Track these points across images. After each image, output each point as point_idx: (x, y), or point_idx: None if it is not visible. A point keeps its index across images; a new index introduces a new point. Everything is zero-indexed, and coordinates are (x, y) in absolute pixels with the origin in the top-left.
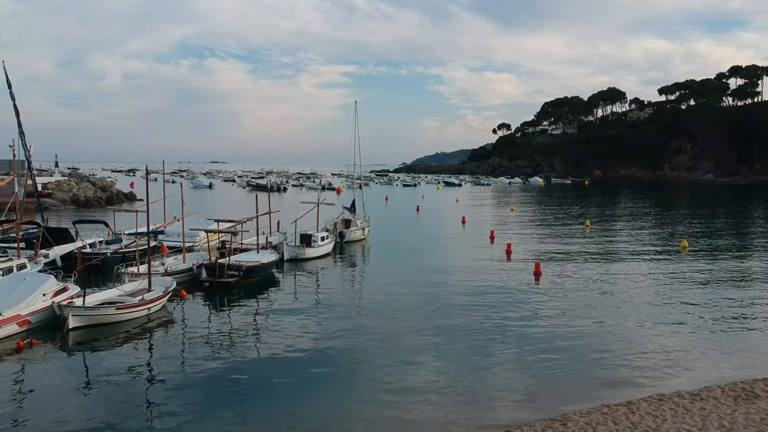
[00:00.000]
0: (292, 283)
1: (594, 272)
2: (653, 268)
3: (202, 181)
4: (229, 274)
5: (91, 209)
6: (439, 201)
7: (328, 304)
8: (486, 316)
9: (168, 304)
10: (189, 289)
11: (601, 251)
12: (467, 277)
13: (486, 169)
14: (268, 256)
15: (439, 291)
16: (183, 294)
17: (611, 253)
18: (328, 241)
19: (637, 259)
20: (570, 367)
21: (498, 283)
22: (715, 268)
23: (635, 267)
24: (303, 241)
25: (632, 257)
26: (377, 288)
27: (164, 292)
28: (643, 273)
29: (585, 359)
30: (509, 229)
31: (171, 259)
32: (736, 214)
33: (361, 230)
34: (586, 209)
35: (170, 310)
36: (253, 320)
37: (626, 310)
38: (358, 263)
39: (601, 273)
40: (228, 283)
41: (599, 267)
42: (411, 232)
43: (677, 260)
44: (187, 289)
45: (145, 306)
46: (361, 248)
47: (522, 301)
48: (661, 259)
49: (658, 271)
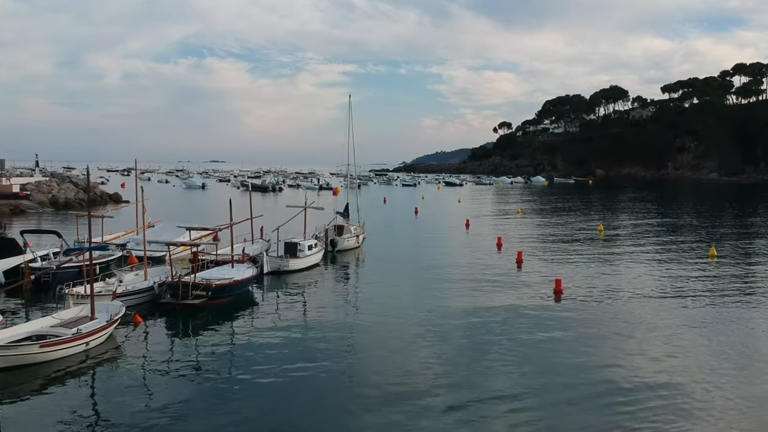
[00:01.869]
0: (273, 302)
1: (619, 288)
2: (686, 280)
3: (194, 181)
4: (195, 294)
5: (72, 211)
6: (439, 202)
7: (314, 328)
8: (502, 344)
9: (118, 331)
10: (149, 313)
11: (622, 261)
12: (475, 294)
13: (487, 168)
14: (243, 272)
15: (443, 309)
16: (138, 320)
17: (634, 263)
18: (317, 250)
19: (665, 270)
20: None
21: (512, 302)
22: (752, 276)
23: (665, 280)
24: (287, 251)
25: (659, 267)
26: (372, 308)
27: (108, 322)
28: (676, 287)
29: (629, 413)
30: (517, 235)
31: (131, 275)
32: (750, 214)
33: (355, 237)
34: (594, 211)
35: (118, 342)
36: (221, 352)
37: (674, 343)
38: (350, 276)
39: (627, 290)
40: (193, 306)
41: (624, 281)
42: (410, 238)
43: (709, 269)
44: (145, 312)
45: (82, 340)
46: (354, 258)
47: (543, 325)
48: (691, 269)
49: (693, 285)
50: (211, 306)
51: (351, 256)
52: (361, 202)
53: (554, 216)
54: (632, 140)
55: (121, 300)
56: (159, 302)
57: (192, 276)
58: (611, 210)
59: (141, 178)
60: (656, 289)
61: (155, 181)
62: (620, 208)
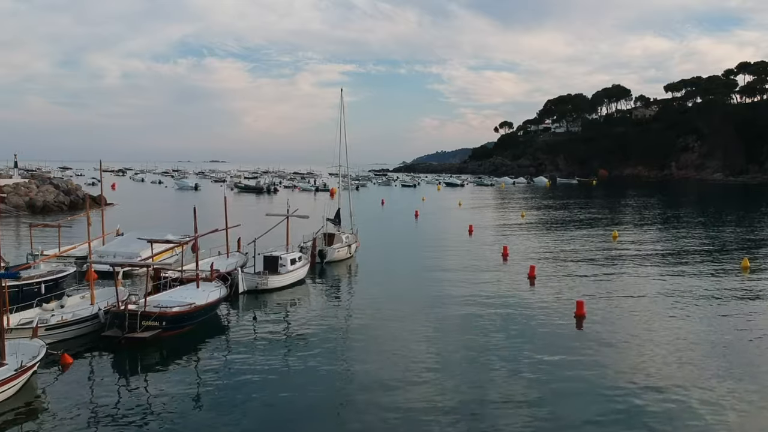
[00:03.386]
0: (247, 329)
1: (646, 308)
2: (719, 297)
3: (187, 182)
4: (146, 325)
5: (50, 215)
6: (440, 204)
7: (296, 365)
8: (517, 383)
9: (39, 377)
10: (87, 350)
11: (644, 275)
12: (484, 317)
13: (488, 168)
14: (208, 294)
15: (445, 333)
16: (66, 361)
17: (658, 277)
18: (301, 265)
19: (695, 285)
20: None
21: (528, 329)
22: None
23: (697, 300)
24: (266, 266)
25: (687, 282)
26: (365, 336)
27: (19, 370)
28: (712, 309)
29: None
30: (523, 243)
31: (76, 298)
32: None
33: (346, 247)
34: (603, 215)
35: (36, 393)
36: (176, 403)
37: (727, 384)
38: (341, 294)
39: (657, 311)
40: (142, 340)
41: (651, 300)
42: (409, 246)
43: (743, 285)
44: (83, 349)
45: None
46: (346, 270)
47: (563, 355)
48: (724, 283)
49: (731, 307)
50: (167, 338)
51: (342, 269)
52: (356, 206)
53: (561, 220)
54: (635, 140)
55: (60, 331)
56: (101, 335)
57: (142, 302)
58: (621, 213)
59: (134, 178)
60: (690, 309)
61: (149, 182)
62: (630, 211)
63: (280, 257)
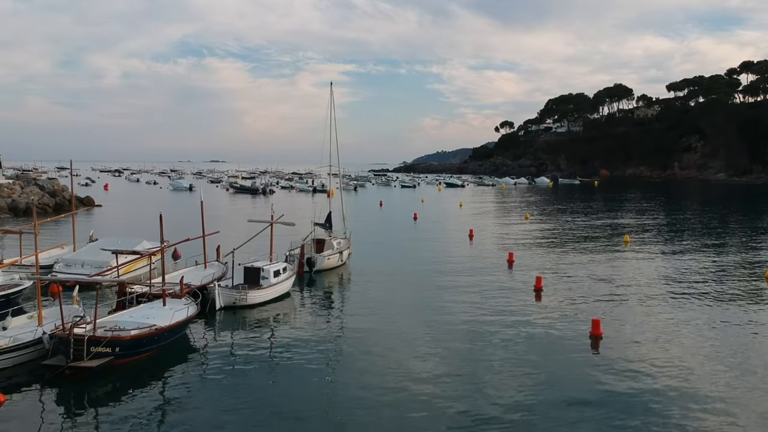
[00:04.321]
0: (222, 353)
1: (672, 327)
2: (743, 307)
3: (181, 183)
4: (95, 352)
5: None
6: (440, 206)
7: (277, 394)
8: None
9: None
10: (26, 382)
11: (665, 286)
12: (488, 337)
13: (489, 168)
14: (174, 313)
15: (446, 359)
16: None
17: (682, 288)
18: (286, 276)
19: (722, 297)
20: None
21: (537, 352)
22: None
23: (728, 317)
24: (247, 278)
25: (712, 292)
26: (358, 358)
27: None
28: (736, 319)
29: None
30: (529, 248)
31: (23, 318)
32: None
33: (338, 254)
34: (612, 217)
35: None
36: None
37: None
38: (330, 308)
39: (686, 333)
40: (90, 370)
41: (675, 316)
42: (406, 251)
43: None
44: (22, 381)
45: None
46: (337, 280)
47: (581, 391)
48: (743, 294)
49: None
50: (124, 366)
51: (332, 278)
52: (354, 207)
53: (567, 223)
54: (637, 139)
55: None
56: (42, 364)
57: (91, 324)
58: (629, 215)
59: (130, 179)
60: (727, 331)
61: (143, 183)
62: (639, 213)
63: (262, 269)
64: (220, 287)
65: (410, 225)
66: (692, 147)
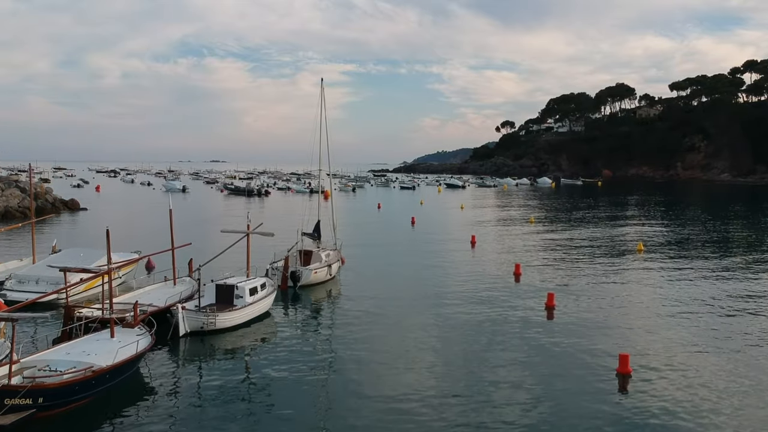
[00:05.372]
0: (183, 391)
1: (710, 364)
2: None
3: (174, 185)
4: (12, 405)
5: (14, 221)
6: (440, 208)
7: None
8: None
9: None
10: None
11: (689, 304)
12: (495, 366)
13: (489, 168)
14: (118, 350)
15: (448, 395)
16: None
17: (714, 312)
18: (265, 293)
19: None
20: None
21: (556, 392)
22: None
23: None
24: (220, 297)
25: (751, 314)
26: (348, 390)
27: None
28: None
29: None
30: (537, 257)
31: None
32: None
33: (326, 268)
34: (618, 219)
35: None
36: None
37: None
38: (317, 329)
39: (727, 368)
40: (1, 429)
41: (710, 347)
42: (403, 260)
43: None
44: None
45: None
46: (325, 296)
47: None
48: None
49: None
50: (53, 417)
51: (320, 294)
52: (350, 211)
53: (575, 229)
54: (640, 139)
55: None
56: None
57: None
58: (637, 218)
59: (125, 180)
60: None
61: (138, 183)
62: (647, 217)
63: (236, 286)
64: (185, 309)
65: (408, 230)
66: (695, 147)
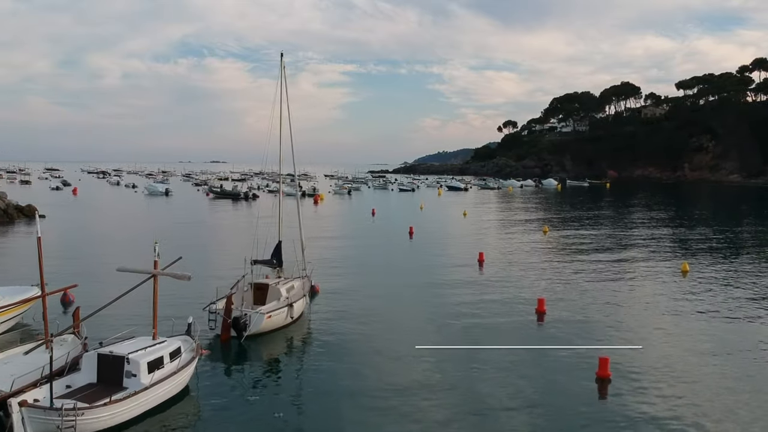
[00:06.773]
0: None
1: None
2: None
3: (157, 188)
4: None
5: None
6: (441, 214)
7: None
8: None
9: None
10: None
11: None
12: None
13: (491, 169)
14: None
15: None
16: None
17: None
18: (176, 365)
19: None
20: None
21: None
22: None
23: None
24: (102, 374)
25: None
26: None
27: None
28: None
29: None
30: (560, 280)
31: None
32: None
33: (285, 309)
34: (642, 227)
35: None
36: None
37: None
38: (264, 421)
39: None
40: None
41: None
42: (396, 291)
43: None
44: None
45: None
46: (283, 350)
47: None
48: None
49: None
50: None
51: (277, 346)
52: (340, 218)
53: (599, 242)
54: (645, 139)
55: None
56: None
57: None
58: (668, 227)
59: (110, 181)
60: None
61: (123, 185)
62: (679, 225)
63: (127, 358)
64: (25, 406)
65: (405, 244)
66: (703, 147)
